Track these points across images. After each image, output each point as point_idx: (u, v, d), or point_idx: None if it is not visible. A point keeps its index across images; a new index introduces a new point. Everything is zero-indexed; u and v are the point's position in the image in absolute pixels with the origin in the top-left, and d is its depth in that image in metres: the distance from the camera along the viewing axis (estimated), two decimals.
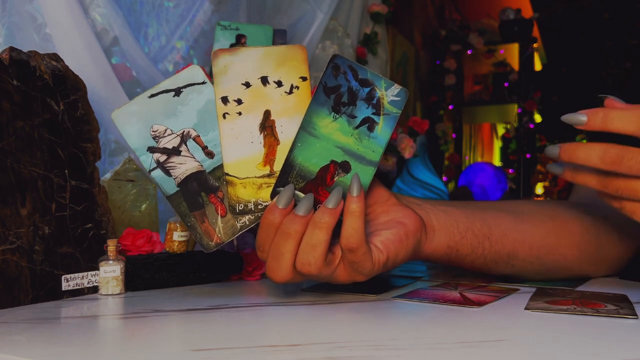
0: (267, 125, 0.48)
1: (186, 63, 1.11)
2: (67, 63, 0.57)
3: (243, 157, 0.48)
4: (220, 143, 0.48)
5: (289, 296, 0.56)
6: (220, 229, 0.49)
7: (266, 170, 0.48)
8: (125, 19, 0.96)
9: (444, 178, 3.66)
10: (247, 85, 0.48)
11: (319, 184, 0.47)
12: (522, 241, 0.59)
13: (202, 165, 0.49)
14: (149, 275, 0.58)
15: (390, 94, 0.48)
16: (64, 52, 0.81)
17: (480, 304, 0.50)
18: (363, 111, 0.47)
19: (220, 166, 0.48)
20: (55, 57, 0.57)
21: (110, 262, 0.54)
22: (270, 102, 0.48)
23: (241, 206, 0.48)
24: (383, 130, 0.47)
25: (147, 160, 0.49)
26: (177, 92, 0.49)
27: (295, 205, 0.45)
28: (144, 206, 0.76)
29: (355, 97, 0.47)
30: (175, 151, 0.49)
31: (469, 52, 3.72)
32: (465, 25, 3.74)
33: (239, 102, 0.48)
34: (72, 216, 0.54)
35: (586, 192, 0.74)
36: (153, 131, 0.49)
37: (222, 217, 0.49)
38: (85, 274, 0.54)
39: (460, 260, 0.58)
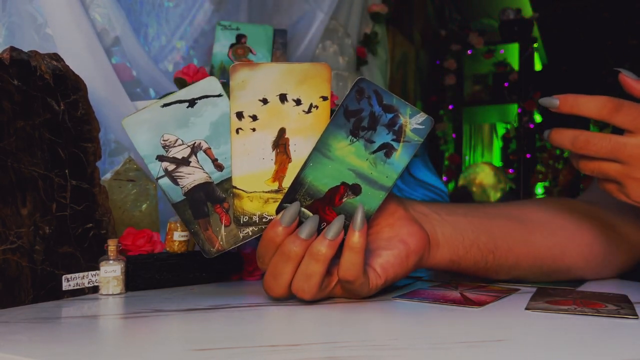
0: (280, 143, 0.47)
1: (186, 63, 1.11)
2: (67, 63, 0.57)
3: (252, 172, 0.47)
4: (231, 157, 0.48)
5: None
6: (222, 237, 0.49)
7: (275, 186, 0.47)
8: (126, 18, 0.96)
9: (444, 178, 3.66)
10: (265, 101, 0.47)
11: (327, 203, 0.47)
12: (527, 254, 0.59)
13: (210, 177, 0.49)
14: (149, 275, 0.58)
15: (414, 121, 0.47)
16: (64, 52, 0.81)
17: (480, 304, 0.50)
18: (383, 137, 0.47)
19: (229, 179, 0.48)
20: (55, 56, 0.57)
21: (111, 261, 0.54)
22: (286, 119, 0.47)
23: (246, 218, 0.48)
24: (401, 156, 0.47)
25: (155, 168, 0.49)
26: (192, 103, 0.48)
27: (299, 224, 0.45)
28: (144, 206, 0.76)
29: (377, 122, 0.46)
30: (185, 161, 0.49)
31: (469, 52, 3.71)
32: (465, 25, 3.74)
33: (254, 118, 0.47)
34: (73, 216, 0.54)
35: (598, 193, 0.73)
36: (163, 140, 0.48)
37: (225, 226, 0.49)
38: (85, 273, 0.54)
39: (462, 271, 0.58)
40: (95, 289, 0.55)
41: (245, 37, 1.00)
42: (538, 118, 3.70)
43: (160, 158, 0.49)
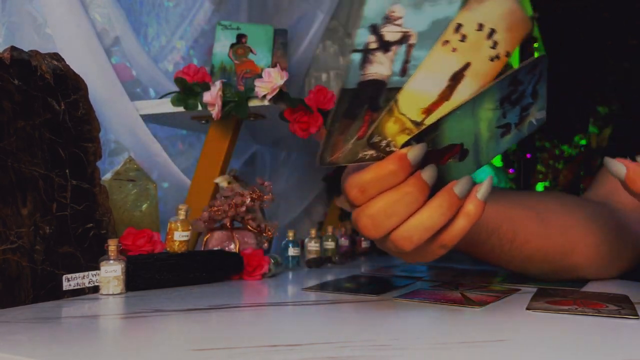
0: (458, 77, 0.43)
1: (186, 63, 1.11)
2: (67, 63, 0.57)
3: (419, 93, 0.43)
4: (419, 67, 0.42)
5: (289, 296, 0.56)
6: (347, 149, 0.44)
7: (421, 118, 0.43)
8: (126, 18, 0.96)
9: None
10: (480, 27, 0.42)
11: (436, 158, 0.43)
12: (541, 248, 0.59)
13: (388, 77, 0.43)
14: (149, 275, 0.58)
15: (535, 115, 0.45)
16: (64, 51, 0.80)
17: (481, 304, 0.50)
18: (513, 116, 0.44)
19: (398, 89, 0.43)
20: (56, 56, 0.57)
21: (111, 261, 0.54)
22: (476, 57, 0.43)
23: (378, 138, 0.43)
24: (507, 141, 0.45)
25: (362, 37, 0.42)
26: None
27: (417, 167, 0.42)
28: (144, 206, 0.76)
29: (520, 101, 0.44)
30: (387, 46, 0.43)
31: None
32: None
33: (463, 39, 0.42)
34: (73, 216, 0.54)
35: (604, 190, 0.73)
36: (391, 11, 0.42)
37: (358, 138, 0.44)
38: (86, 273, 0.54)
39: (476, 254, 0.57)
40: (95, 289, 0.55)
41: (246, 36, 1.00)
42: None
43: (373, 28, 0.42)
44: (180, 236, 0.62)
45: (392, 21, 0.42)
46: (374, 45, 0.42)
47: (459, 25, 0.42)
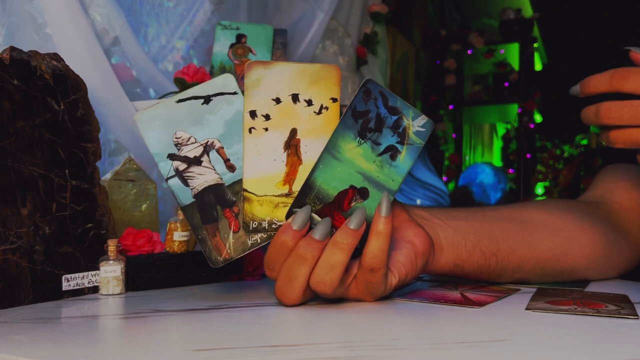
0: (292, 144, 0.47)
1: (186, 63, 1.11)
2: (67, 63, 0.57)
3: (263, 174, 0.47)
4: (243, 158, 0.47)
5: None
6: (230, 245, 0.48)
7: (285, 189, 0.47)
8: (125, 18, 0.96)
9: (444, 178, 3.66)
10: (278, 101, 0.47)
11: (336, 208, 0.46)
12: (529, 256, 0.59)
13: (221, 178, 0.48)
14: (149, 275, 0.58)
15: (416, 124, 0.47)
16: (64, 52, 0.81)
17: (481, 304, 0.50)
18: (388, 139, 0.47)
19: (240, 181, 0.48)
20: (55, 56, 0.57)
21: (111, 262, 0.54)
22: (298, 120, 0.47)
23: (255, 224, 0.47)
24: (405, 160, 0.47)
25: (166, 167, 0.47)
26: (207, 100, 0.47)
27: (310, 228, 0.45)
28: (144, 206, 0.76)
29: (382, 124, 0.47)
30: (196, 161, 0.47)
31: (469, 52, 3.72)
32: (465, 25, 3.74)
33: (267, 117, 0.47)
34: (73, 216, 0.54)
35: (600, 191, 0.73)
36: (176, 138, 0.47)
37: (234, 232, 0.48)
38: (85, 273, 0.54)
39: (465, 275, 0.58)
40: (95, 289, 0.55)
41: (245, 37, 1.00)
42: (538, 118, 3.70)
43: (172, 157, 0.47)
44: (179, 236, 0.62)
45: (184, 143, 0.48)
46: (183, 167, 0.47)
47: (253, 112, 0.47)
